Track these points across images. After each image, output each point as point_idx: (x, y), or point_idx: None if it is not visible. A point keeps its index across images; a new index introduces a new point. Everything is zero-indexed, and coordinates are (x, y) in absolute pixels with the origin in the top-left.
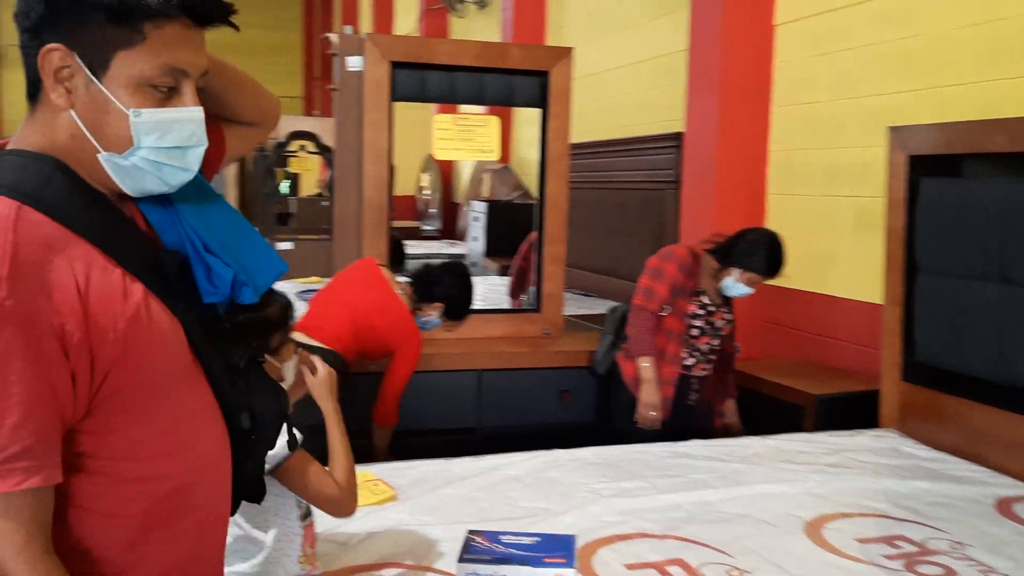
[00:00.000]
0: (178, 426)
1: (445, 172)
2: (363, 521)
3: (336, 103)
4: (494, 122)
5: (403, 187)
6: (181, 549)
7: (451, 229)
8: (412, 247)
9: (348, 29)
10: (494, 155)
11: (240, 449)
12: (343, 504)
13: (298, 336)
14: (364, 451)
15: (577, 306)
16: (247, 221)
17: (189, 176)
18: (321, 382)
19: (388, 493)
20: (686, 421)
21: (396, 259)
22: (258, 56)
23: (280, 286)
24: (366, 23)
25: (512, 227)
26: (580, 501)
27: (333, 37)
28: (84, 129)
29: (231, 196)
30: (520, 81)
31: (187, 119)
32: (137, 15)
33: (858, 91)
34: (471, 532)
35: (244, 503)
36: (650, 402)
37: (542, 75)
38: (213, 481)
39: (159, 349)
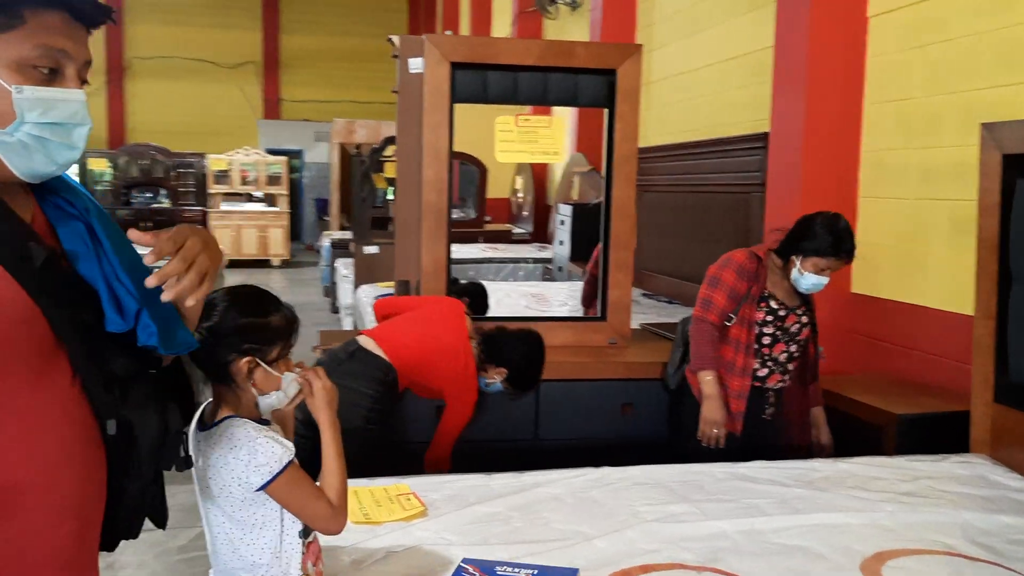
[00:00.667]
0: (5, 419)
1: (539, 175)
2: (385, 538)
3: (398, 106)
4: (558, 123)
5: (499, 190)
6: (3, 554)
7: (543, 232)
8: (502, 251)
9: (448, 33)
10: (558, 157)
11: (115, 464)
12: (332, 522)
13: (364, 340)
14: (410, 461)
15: (658, 314)
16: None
17: (76, 155)
18: (319, 396)
19: (418, 509)
20: (761, 438)
21: (479, 306)
22: (364, 62)
23: (365, 289)
24: (465, 28)
25: (596, 231)
26: (618, 524)
27: (395, 39)
28: None
29: (334, 201)
30: (585, 80)
31: (69, 99)
32: (18, 2)
33: (955, 86)
34: (464, 561)
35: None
36: (712, 419)
37: (609, 74)
38: (51, 487)
39: None
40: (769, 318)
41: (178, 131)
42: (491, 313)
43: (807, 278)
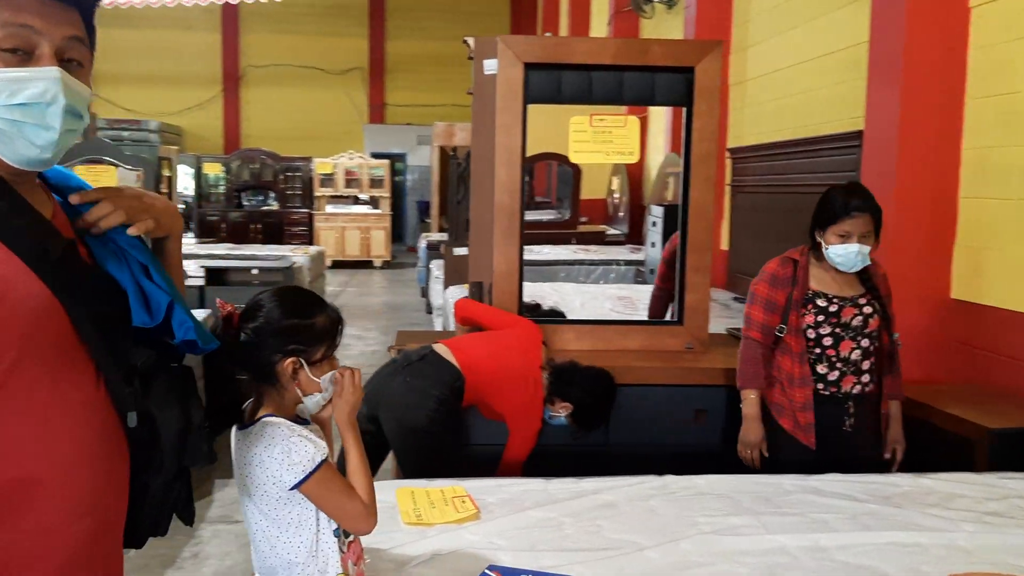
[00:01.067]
0: (22, 414)
1: (635, 175)
2: (434, 540)
3: (472, 108)
4: (633, 123)
5: (595, 190)
6: (8, 551)
7: (638, 234)
8: (594, 252)
9: (548, 35)
10: (633, 157)
11: (138, 460)
12: (365, 521)
13: (439, 346)
14: (474, 464)
15: None
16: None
17: (53, 135)
18: (344, 397)
19: (470, 512)
20: (841, 451)
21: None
22: (466, 65)
23: (453, 291)
24: (564, 29)
25: None
26: (673, 535)
27: (470, 41)
28: None
29: (434, 203)
30: (663, 79)
31: (39, 77)
32: None
33: None
34: (489, 568)
35: (266, 516)
36: (746, 440)
37: (687, 72)
38: (67, 483)
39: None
40: (820, 318)
41: (288, 136)
42: (575, 316)
43: (835, 250)
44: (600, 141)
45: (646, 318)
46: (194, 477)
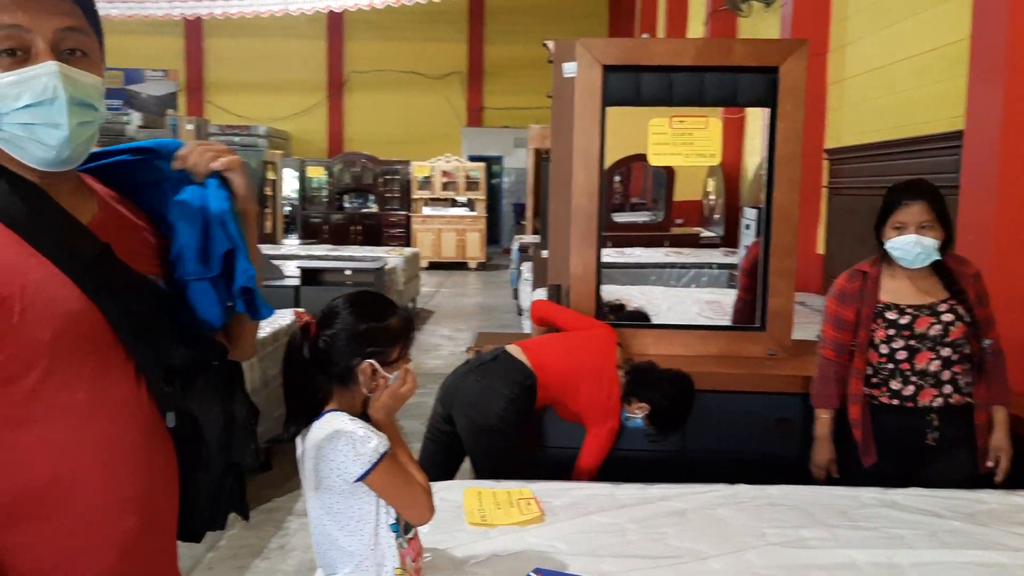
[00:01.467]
0: (59, 414)
1: (732, 176)
2: (496, 541)
3: (552, 111)
4: (714, 124)
5: (692, 191)
6: (53, 551)
7: (734, 236)
8: (686, 255)
9: (645, 36)
10: (715, 160)
11: (185, 457)
12: (427, 511)
13: (512, 347)
14: (556, 466)
15: None
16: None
17: (63, 132)
18: (390, 393)
19: (535, 514)
20: (926, 466)
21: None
22: None
23: (540, 293)
24: (661, 30)
25: None
26: (739, 546)
27: (550, 44)
28: None
29: (529, 206)
30: (745, 79)
31: (36, 75)
32: None
33: None
34: (535, 571)
35: (328, 510)
36: (815, 461)
37: (771, 72)
38: (108, 480)
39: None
40: (892, 332)
41: (388, 140)
42: (660, 320)
43: (892, 244)
44: (680, 143)
45: (720, 323)
46: (281, 472)
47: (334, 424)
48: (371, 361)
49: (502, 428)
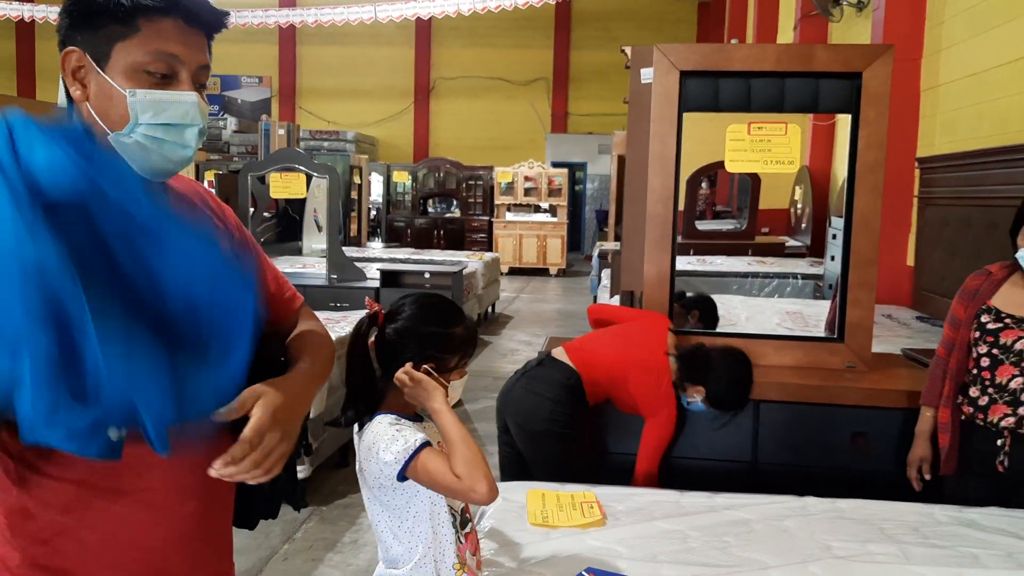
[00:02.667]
0: None
1: (821, 184)
2: (557, 542)
3: (628, 116)
4: (794, 130)
5: (776, 199)
6: (122, 528)
7: (821, 246)
8: (769, 265)
9: (734, 42)
10: (793, 167)
11: None
12: (467, 492)
13: (557, 350)
14: (618, 472)
15: (929, 338)
16: None
17: (189, 153)
18: (428, 387)
19: (596, 518)
20: (997, 491)
21: (708, 320)
22: None
23: (618, 300)
24: (750, 36)
25: None
26: (803, 558)
27: (627, 50)
28: (96, 117)
29: (611, 212)
30: (827, 85)
31: (180, 100)
32: (134, 12)
33: None
34: (587, 570)
35: (385, 507)
36: (911, 458)
37: (854, 77)
38: (171, 467)
39: None
40: (977, 335)
41: (474, 145)
42: (739, 330)
43: (1022, 253)
44: (758, 150)
45: (797, 334)
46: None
47: (376, 428)
48: (430, 364)
49: (552, 431)
